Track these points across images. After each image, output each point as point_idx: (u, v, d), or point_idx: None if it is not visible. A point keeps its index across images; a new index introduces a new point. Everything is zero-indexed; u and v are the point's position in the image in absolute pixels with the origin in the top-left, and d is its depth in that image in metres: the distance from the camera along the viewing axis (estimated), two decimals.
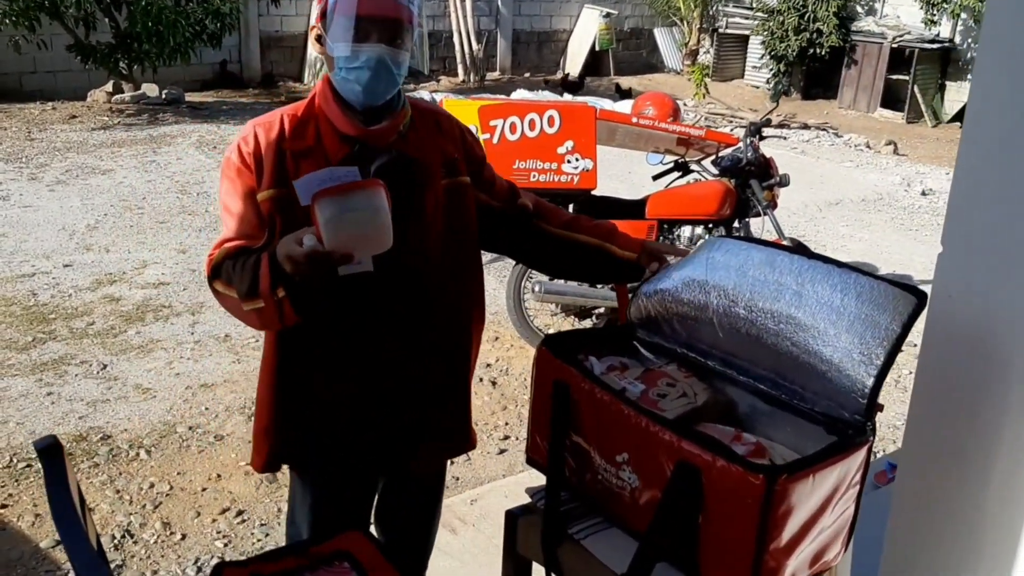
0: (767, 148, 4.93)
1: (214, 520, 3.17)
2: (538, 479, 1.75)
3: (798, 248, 1.70)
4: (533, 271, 4.65)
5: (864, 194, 8.57)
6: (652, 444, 1.49)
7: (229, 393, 4.04)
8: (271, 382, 1.77)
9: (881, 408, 1.54)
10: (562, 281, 4.59)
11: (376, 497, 1.96)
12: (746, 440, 1.57)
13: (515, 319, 4.67)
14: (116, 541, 3.02)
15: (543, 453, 1.73)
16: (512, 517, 1.78)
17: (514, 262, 4.63)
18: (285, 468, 2.16)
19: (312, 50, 13.61)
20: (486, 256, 1.96)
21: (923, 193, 8.64)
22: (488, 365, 4.48)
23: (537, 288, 4.56)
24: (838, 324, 1.56)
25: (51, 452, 1.03)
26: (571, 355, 1.71)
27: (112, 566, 2.90)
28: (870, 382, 1.50)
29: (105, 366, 4.25)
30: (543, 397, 1.71)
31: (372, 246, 1.53)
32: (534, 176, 4.21)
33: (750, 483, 1.34)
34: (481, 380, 4.29)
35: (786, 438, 1.63)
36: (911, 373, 3.88)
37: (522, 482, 2.10)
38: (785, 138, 9.28)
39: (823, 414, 1.58)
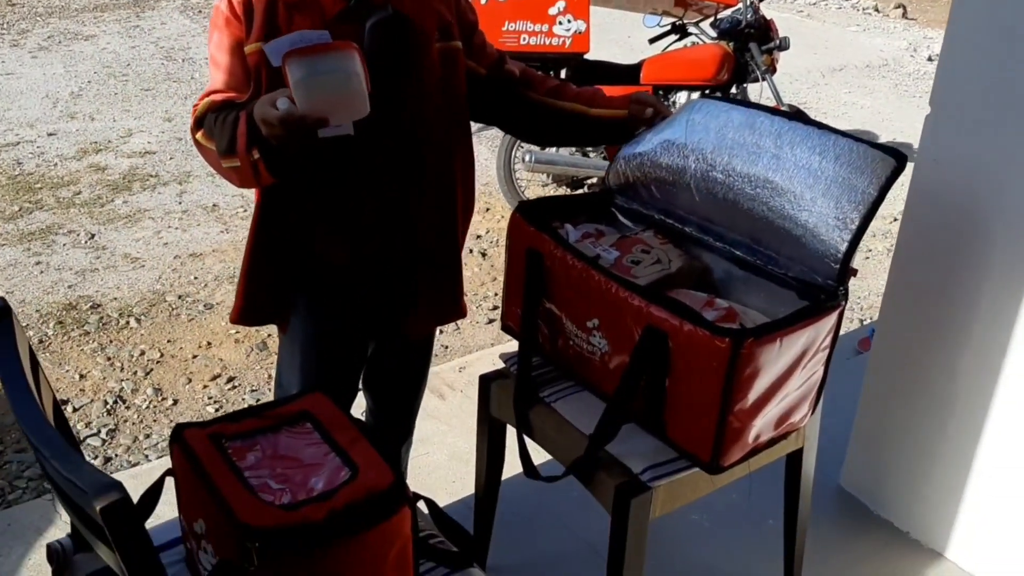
0: (768, 10, 4.75)
1: (205, 386, 3.22)
2: None
3: (796, 115, 1.64)
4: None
5: (869, 59, 8.33)
6: (621, 310, 1.48)
7: (218, 262, 4.04)
8: (251, 239, 1.75)
9: (855, 273, 1.53)
10: (553, 150, 4.51)
11: (366, 362, 1.97)
12: (718, 305, 1.56)
13: (506, 190, 4.62)
14: (108, 406, 3.07)
15: (517, 320, 1.73)
16: (486, 381, 1.79)
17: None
18: (276, 340, 2.14)
19: None
20: (475, 125, 1.91)
21: (929, 59, 8.39)
22: (478, 236, 4.46)
23: (528, 158, 4.48)
24: (815, 188, 1.52)
25: None
26: (545, 222, 1.68)
27: (105, 431, 2.96)
28: (843, 247, 1.47)
29: (93, 236, 4.23)
30: (517, 264, 1.69)
31: (347, 111, 1.47)
32: (524, 39, 4.07)
33: (716, 346, 1.34)
34: (471, 251, 4.27)
35: (759, 303, 1.62)
36: None
37: (510, 351, 2.13)
38: None
39: (796, 279, 1.56)
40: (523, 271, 1.67)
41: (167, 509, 1.33)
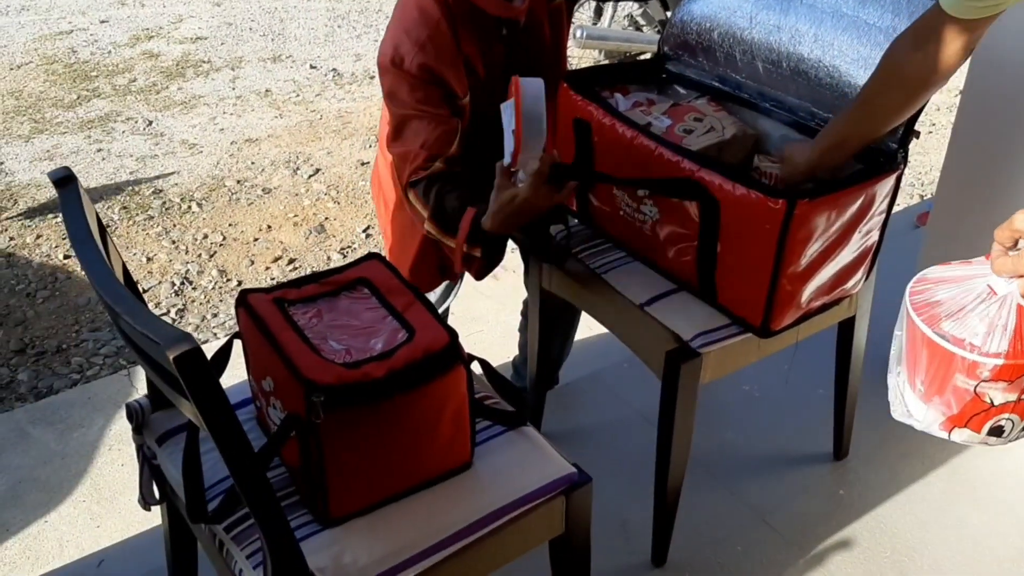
0: None
1: (267, 268, 3.30)
2: None
3: None
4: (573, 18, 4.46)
5: None
6: (672, 175, 1.47)
7: (273, 147, 4.08)
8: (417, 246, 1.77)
9: (917, 135, 1.49)
10: (605, 25, 4.40)
11: None
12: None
13: None
14: (176, 287, 3.18)
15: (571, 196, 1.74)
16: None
17: None
18: (333, 223, 2.17)
19: None
20: None
21: None
22: None
23: (579, 34, 4.38)
24: (884, 47, 1.47)
25: (65, 182, 1.06)
26: (593, 92, 1.66)
27: (174, 311, 3.08)
28: None
29: (150, 122, 4.29)
30: (566, 135, 1.68)
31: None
32: None
33: (770, 208, 1.33)
34: None
35: None
36: None
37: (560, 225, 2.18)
38: None
39: None
40: (573, 142, 1.66)
41: (230, 378, 1.40)
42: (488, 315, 2.89)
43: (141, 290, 3.16)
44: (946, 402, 1.13)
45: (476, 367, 1.33)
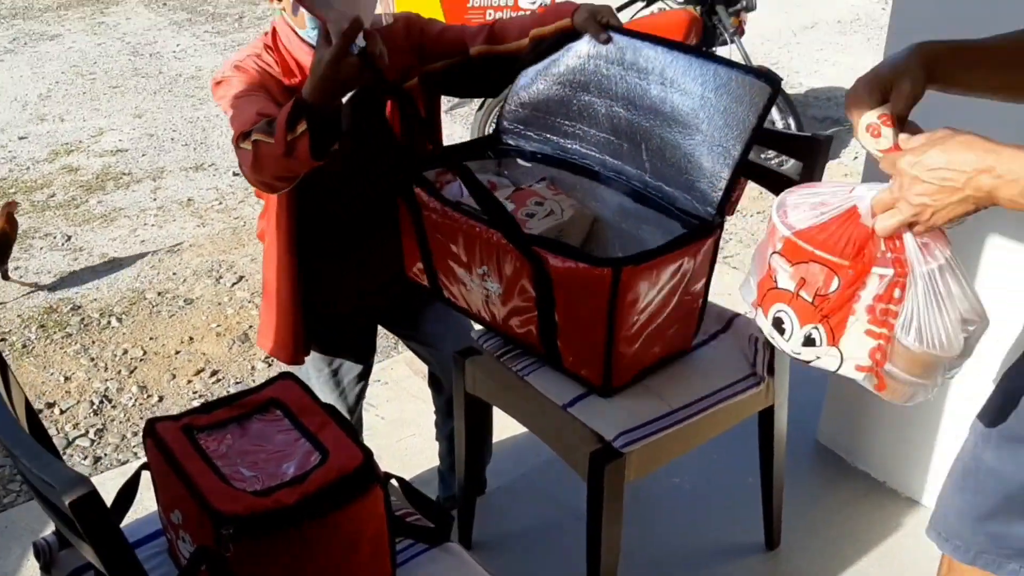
0: None
1: (189, 381, 3.23)
2: None
3: (765, 74, 1.62)
4: (496, 113, 4.56)
5: (840, 15, 8.31)
6: (506, 255, 1.51)
7: (195, 257, 4.04)
8: (291, 283, 1.79)
9: (732, 210, 1.58)
10: None
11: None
12: None
13: None
14: (95, 407, 3.08)
15: (421, 272, 1.77)
16: (460, 358, 1.81)
17: (477, 107, 4.54)
18: (252, 331, 2.12)
19: None
20: (446, 103, 1.92)
21: None
22: None
23: None
24: (699, 117, 1.55)
25: None
26: (424, 179, 1.66)
27: (93, 431, 2.98)
28: (725, 174, 1.50)
29: (69, 237, 4.22)
30: (407, 223, 1.71)
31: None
32: (490, 14, 4.07)
33: (598, 276, 1.39)
34: None
35: (651, 235, 1.65)
36: None
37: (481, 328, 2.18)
38: None
39: (681, 210, 1.60)
40: (412, 228, 1.70)
41: (153, 502, 1.36)
42: (419, 418, 2.85)
43: (59, 411, 3.06)
44: (758, 272, 1.14)
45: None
